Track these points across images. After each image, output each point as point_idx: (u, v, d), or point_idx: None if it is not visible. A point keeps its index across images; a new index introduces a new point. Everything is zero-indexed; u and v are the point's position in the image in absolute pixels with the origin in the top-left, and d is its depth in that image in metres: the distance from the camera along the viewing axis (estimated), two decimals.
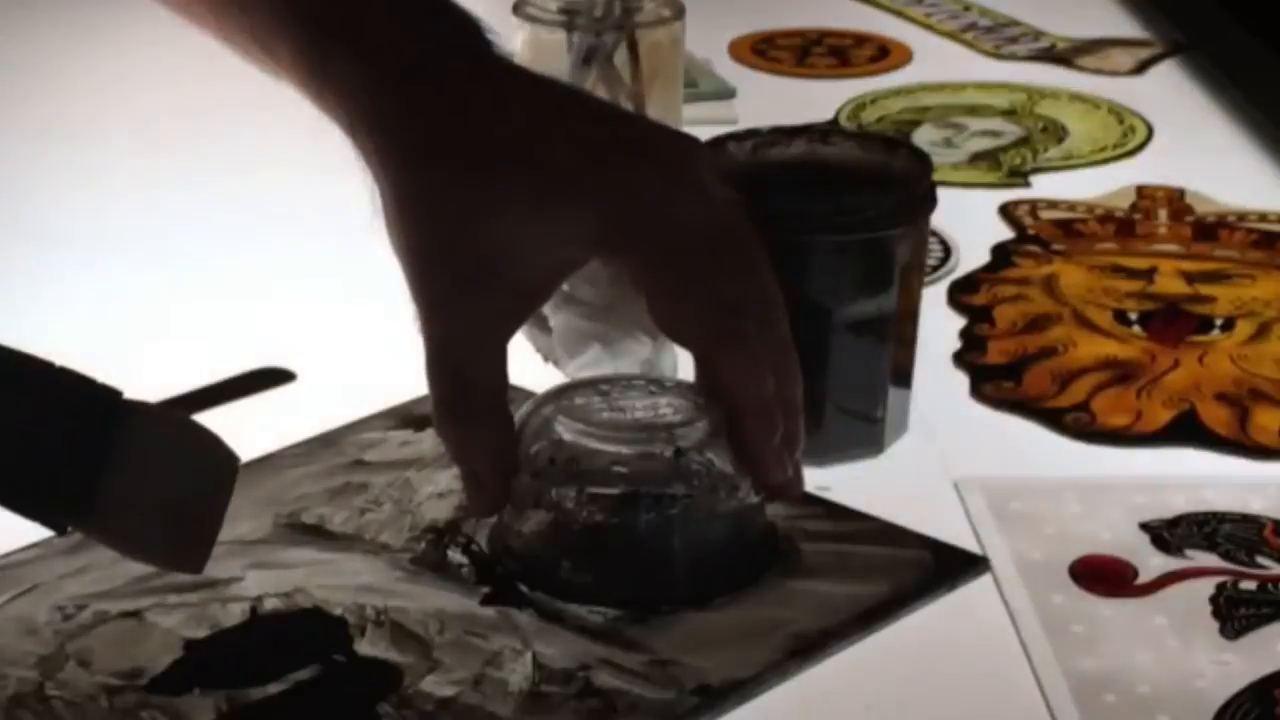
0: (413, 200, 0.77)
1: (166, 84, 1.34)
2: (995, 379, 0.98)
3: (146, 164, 1.23)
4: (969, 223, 1.14)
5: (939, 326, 1.02)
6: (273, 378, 0.97)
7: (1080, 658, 0.77)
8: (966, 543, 0.84)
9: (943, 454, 0.91)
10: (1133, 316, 1.04)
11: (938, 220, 0.93)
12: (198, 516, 0.71)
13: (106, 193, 1.19)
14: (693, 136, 0.82)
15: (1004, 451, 0.93)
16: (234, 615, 0.78)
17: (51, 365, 0.69)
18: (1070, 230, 1.15)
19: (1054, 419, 0.95)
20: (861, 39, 1.48)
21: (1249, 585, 0.81)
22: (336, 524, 0.84)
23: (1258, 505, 0.87)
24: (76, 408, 0.69)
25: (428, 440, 0.88)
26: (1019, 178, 1.24)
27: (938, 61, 1.44)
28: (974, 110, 1.34)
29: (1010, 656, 0.77)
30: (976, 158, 1.26)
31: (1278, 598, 0.80)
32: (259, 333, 1.01)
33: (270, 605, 0.78)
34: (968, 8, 1.55)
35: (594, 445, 0.79)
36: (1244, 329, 1.03)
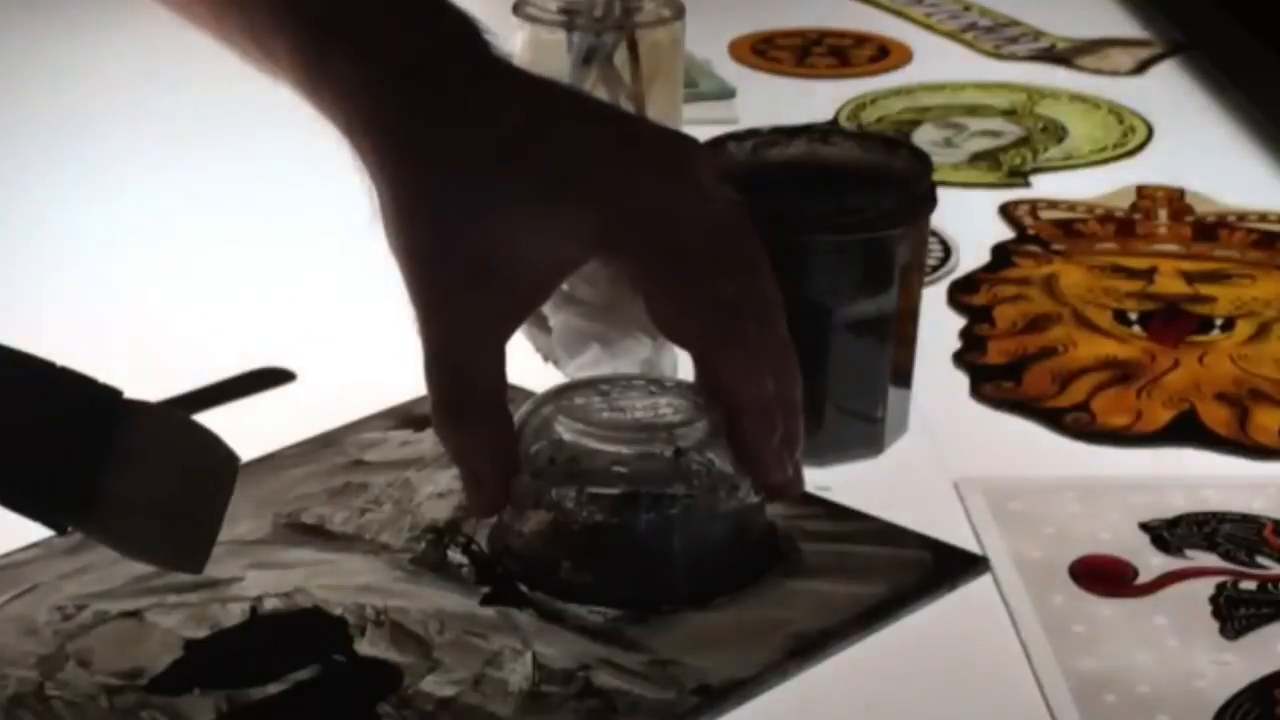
0: (411, 200, 0.77)
1: (166, 84, 1.34)
2: (995, 379, 0.98)
3: (147, 164, 1.23)
4: (969, 223, 1.14)
5: (939, 326, 1.01)
6: (273, 378, 0.97)
7: (1080, 658, 0.77)
8: (966, 543, 0.84)
9: (942, 454, 0.91)
10: (1133, 316, 1.04)
11: (938, 220, 0.93)
12: (198, 516, 0.71)
13: (107, 192, 1.19)
14: (692, 137, 0.82)
15: (1004, 451, 0.93)
16: (234, 615, 0.78)
17: (51, 365, 0.69)
18: (1070, 230, 1.15)
19: (1054, 419, 0.95)
20: (861, 39, 1.48)
21: (1249, 585, 0.81)
22: (336, 524, 0.84)
23: (1258, 505, 0.87)
24: (76, 408, 0.68)
25: (428, 440, 0.88)
26: (1019, 178, 1.24)
27: (938, 61, 1.44)
28: (974, 110, 1.34)
29: (1010, 656, 0.77)
30: (976, 158, 1.26)
31: (1278, 598, 0.80)
32: (259, 333, 1.01)
33: (270, 605, 0.78)
34: (968, 8, 1.55)
35: (594, 445, 0.79)
36: (1244, 329, 1.03)
